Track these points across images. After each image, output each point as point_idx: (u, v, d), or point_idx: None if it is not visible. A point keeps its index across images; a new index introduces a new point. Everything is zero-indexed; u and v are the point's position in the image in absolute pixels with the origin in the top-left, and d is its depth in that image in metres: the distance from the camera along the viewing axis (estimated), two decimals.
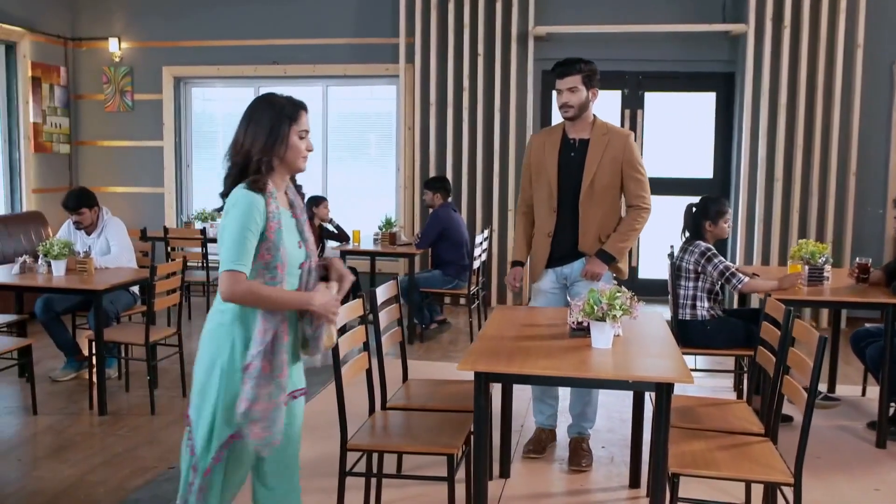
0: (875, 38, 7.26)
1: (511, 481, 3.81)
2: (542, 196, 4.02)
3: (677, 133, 8.07)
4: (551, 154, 3.99)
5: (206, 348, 2.51)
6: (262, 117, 2.52)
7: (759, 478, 2.80)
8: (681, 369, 2.72)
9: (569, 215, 3.97)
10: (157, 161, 8.76)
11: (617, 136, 3.96)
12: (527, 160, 4.14)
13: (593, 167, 3.90)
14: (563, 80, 3.86)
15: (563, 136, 4.00)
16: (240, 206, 2.41)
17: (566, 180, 3.96)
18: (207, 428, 2.45)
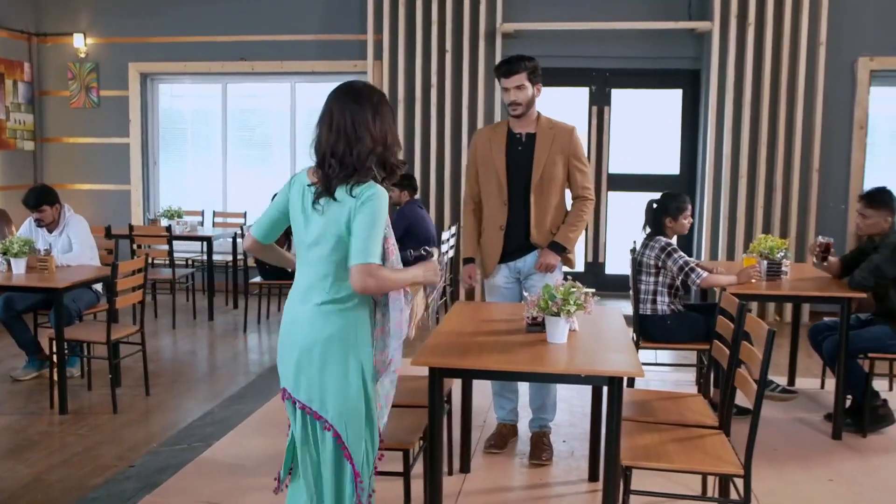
0: (837, 35, 7.35)
1: (471, 476, 3.83)
2: (492, 190, 4.06)
3: (644, 130, 8.12)
4: (498, 149, 4.03)
5: (338, 351, 2.44)
6: (386, 113, 2.51)
7: (709, 470, 2.84)
8: (632, 363, 2.75)
9: (519, 208, 4.02)
10: (123, 158, 8.68)
11: (562, 130, 4.04)
12: (472, 156, 4.16)
13: (542, 160, 3.97)
14: (509, 78, 3.90)
15: (509, 131, 4.05)
16: (383, 201, 2.42)
17: (515, 174, 4.00)
18: (366, 422, 2.47)
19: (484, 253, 4.15)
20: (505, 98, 3.96)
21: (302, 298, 2.52)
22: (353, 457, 2.47)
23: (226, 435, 4.41)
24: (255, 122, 8.84)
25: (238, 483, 3.73)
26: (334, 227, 2.43)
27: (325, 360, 2.44)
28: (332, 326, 2.45)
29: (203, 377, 5.64)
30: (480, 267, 4.21)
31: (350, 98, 2.50)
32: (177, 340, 6.70)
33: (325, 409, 2.45)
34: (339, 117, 2.47)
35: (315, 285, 2.49)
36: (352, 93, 2.52)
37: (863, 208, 4.51)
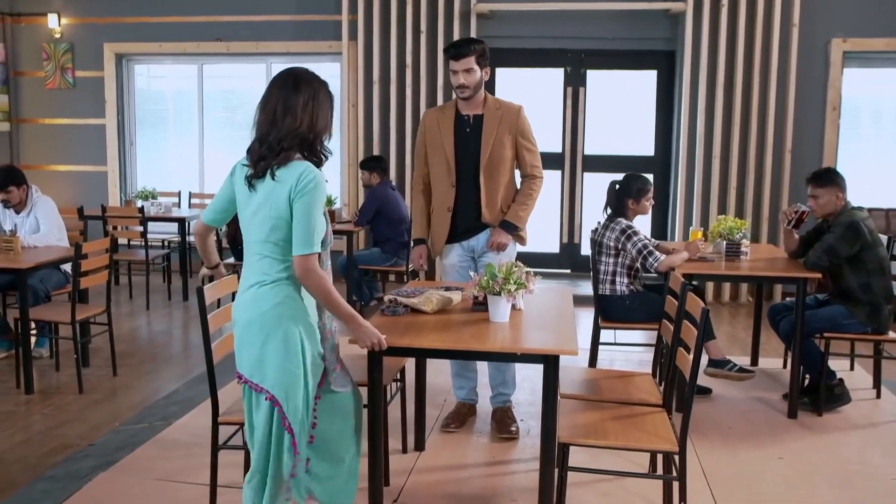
0: (810, 17, 7.35)
1: (425, 454, 3.87)
2: (441, 172, 4.07)
3: (619, 111, 8.13)
4: (447, 131, 4.04)
5: (275, 323, 2.51)
6: (321, 95, 2.56)
7: (645, 446, 2.87)
8: (568, 342, 2.78)
9: (469, 189, 4.04)
10: (99, 139, 8.67)
11: (509, 110, 4.05)
12: (421, 137, 4.16)
13: (490, 141, 3.99)
14: (458, 61, 3.89)
15: (457, 112, 4.06)
16: (321, 188, 2.48)
17: (463, 155, 4.02)
18: (303, 392, 2.54)
19: (433, 234, 4.18)
20: (453, 80, 3.95)
21: (244, 281, 2.61)
22: (292, 427, 2.53)
23: (187, 413, 4.45)
24: (236, 104, 8.82)
25: (193, 461, 3.76)
26: (268, 209, 2.49)
27: (263, 333, 2.51)
28: (268, 302, 2.52)
29: (172, 357, 5.67)
30: (430, 248, 4.24)
31: (288, 83, 2.55)
32: (150, 321, 6.72)
33: (265, 379, 2.53)
34: (272, 101, 2.54)
35: (253, 266, 2.58)
36: (291, 77, 2.57)
37: (812, 189, 4.54)
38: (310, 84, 2.56)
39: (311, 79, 2.58)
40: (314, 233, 2.46)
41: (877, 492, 3.57)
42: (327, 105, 2.60)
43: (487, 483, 3.61)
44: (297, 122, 2.49)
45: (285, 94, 2.52)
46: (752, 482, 3.63)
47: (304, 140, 2.52)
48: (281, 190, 2.46)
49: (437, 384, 4.72)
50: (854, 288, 4.41)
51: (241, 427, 3.26)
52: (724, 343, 6.03)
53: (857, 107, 7.75)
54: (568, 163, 8.07)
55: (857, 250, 4.36)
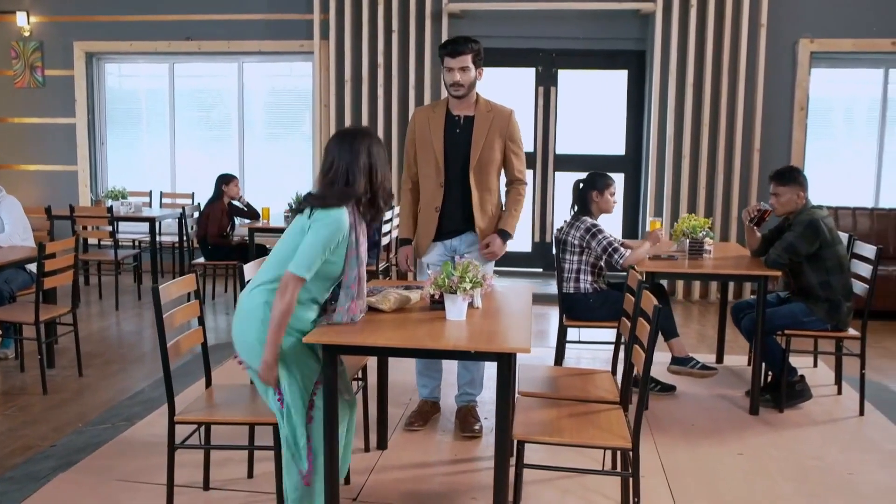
0: (778, 17, 7.43)
1: (387, 452, 3.88)
2: (429, 172, 4.04)
3: (591, 110, 8.17)
4: (437, 130, 4.01)
5: (259, 313, 2.86)
6: (375, 154, 2.94)
7: (598, 443, 2.89)
8: (523, 340, 2.79)
9: (457, 190, 4.02)
10: (69, 138, 8.61)
11: (500, 113, 4.03)
12: (410, 136, 4.13)
13: (480, 143, 3.97)
14: (455, 58, 3.85)
15: (448, 112, 4.03)
16: (335, 227, 2.83)
17: (453, 156, 4.00)
18: (300, 382, 2.85)
19: (419, 233, 4.15)
20: (448, 78, 3.90)
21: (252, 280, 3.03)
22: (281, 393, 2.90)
23: (151, 414, 4.43)
24: (208, 103, 8.78)
25: (154, 461, 3.74)
26: (289, 235, 2.92)
27: (247, 319, 2.90)
28: (259, 297, 2.89)
29: (139, 358, 5.64)
30: (415, 247, 4.22)
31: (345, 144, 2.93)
32: (119, 322, 6.68)
33: (242, 353, 2.94)
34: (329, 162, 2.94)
35: (259, 273, 2.99)
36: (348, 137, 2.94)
37: (774, 187, 4.59)
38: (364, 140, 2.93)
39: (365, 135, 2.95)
40: (311, 261, 2.78)
41: (833, 486, 3.61)
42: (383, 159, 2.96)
43: (448, 481, 3.62)
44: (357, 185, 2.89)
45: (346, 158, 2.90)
46: (711, 478, 3.67)
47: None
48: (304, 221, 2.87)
49: (402, 383, 4.73)
50: (814, 286, 4.46)
51: (198, 427, 3.27)
52: (693, 341, 6.10)
53: (825, 107, 7.83)
54: (539, 162, 8.10)
55: (816, 248, 4.41)
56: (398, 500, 3.40)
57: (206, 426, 3.33)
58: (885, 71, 7.68)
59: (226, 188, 6.99)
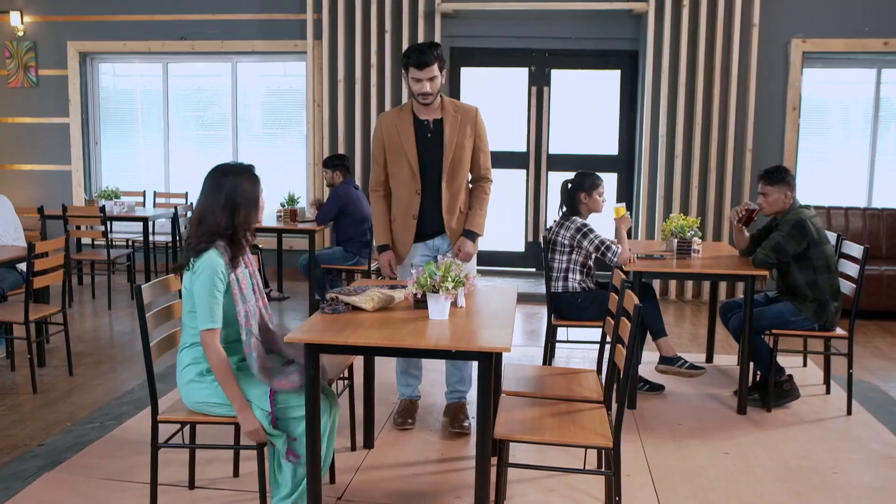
0: (770, 17, 7.44)
1: (374, 452, 3.88)
2: (403, 179, 4.00)
3: (583, 110, 8.18)
4: (407, 137, 3.96)
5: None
6: (241, 190, 2.94)
7: (579, 442, 2.90)
8: (503, 340, 2.80)
9: (432, 195, 4.00)
10: (63, 138, 8.62)
11: (467, 113, 4.01)
12: (378, 143, 4.05)
13: (452, 146, 3.95)
14: (423, 70, 3.80)
15: (415, 117, 3.98)
16: (207, 270, 2.89)
17: (427, 162, 3.97)
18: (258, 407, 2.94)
19: (397, 241, 4.11)
20: (416, 88, 3.84)
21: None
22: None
23: (139, 413, 4.43)
24: (202, 103, 8.79)
25: (140, 460, 3.75)
26: (185, 293, 3.03)
27: (182, 384, 3.12)
28: (185, 359, 3.09)
29: (130, 357, 5.65)
30: (395, 253, 4.15)
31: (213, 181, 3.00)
32: (111, 321, 6.69)
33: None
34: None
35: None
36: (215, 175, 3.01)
37: (762, 187, 4.60)
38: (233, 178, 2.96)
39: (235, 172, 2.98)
40: (209, 310, 2.88)
41: (817, 485, 3.62)
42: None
43: (434, 480, 3.62)
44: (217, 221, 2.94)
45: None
46: (696, 477, 3.68)
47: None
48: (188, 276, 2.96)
49: (389, 383, 4.74)
50: (801, 285, 4.47)
51: (182, 426, 3.28)
52: (685, 340, 6.11)
53: (817, 107, 7.85)
54: (532, 162, 8.11)
55: (803, 248, 4.41)
56: (383, 499, 3.41)
57: (192, 425, 3.34)
58: (878, 71, 7.69)
59: None
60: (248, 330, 2.97)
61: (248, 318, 2.98)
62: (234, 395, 2.90)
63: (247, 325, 2.97)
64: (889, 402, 4.82)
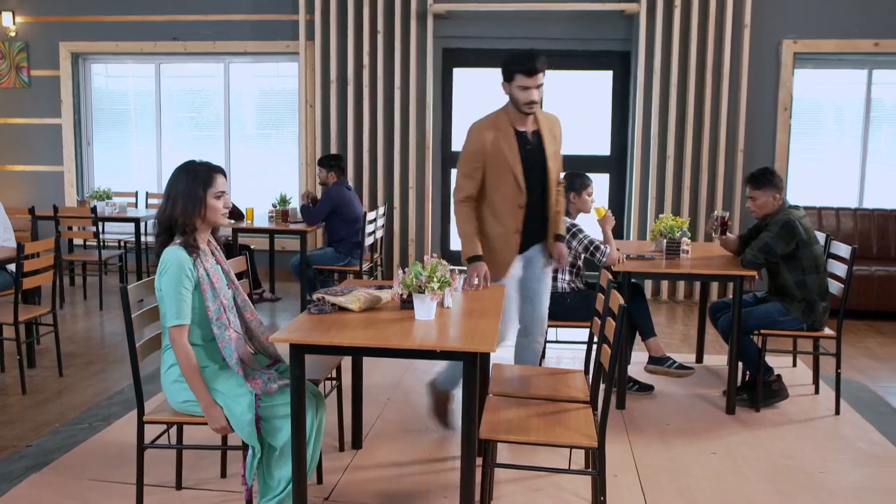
0: (761, 18, 7.45)
1: (362, 452, 3.89)
2: (507, 193, 3.85)
3: (576, 110, 8.18)
4: (510, 151, 3.81)
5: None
6: (180, 186, 3.00)
7: (564, 442, 2.90)
8: (487, 340, 2.81)
9: (536, 208, 3.92)
10: (55, 139, 8.60)
11: (553, 121, 3.98)
12: (479, 155, 3.82)
13: (552, 158, 3.91)
14: (533, 77, 3.65)
15: (514, 129, 3.84)
16: (174, 267, 2.92)
17: (531, 176, 3.86)
18: (240, 412, 2.93)
19: (497, 257, 3.90)
20: (523, 96, 3.70)
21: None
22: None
23: (129, 413, 4.43)
24: (195, 103, 8.78)
25: (128, 461, 3.73)
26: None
27: (165, 385, 3.12)
28: (167, 362, 3.09)
29: (120, 358, 5.64)
30: (491, 267, 3.88)
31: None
32: (102, 322, 6.68)
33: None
34: None
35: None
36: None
37: (750, 191, 4.60)
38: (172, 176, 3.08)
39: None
40: (175, 307, 2.90)
41: (804, 485, 3.63)
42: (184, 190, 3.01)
43: (422, 480, 3.63)
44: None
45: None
46: (683, 476, 3.69)
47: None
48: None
49: (378, 384, 4.75)
50: (790, 285, 4.48)
51: (168, 427, 3.28)
52: (675, 341, 6.12)
53: (809, 107, 7.86)
54: None
55: (792, 248, 4.42)
56: (370, 500, 3.41)
57: (179, 426, 3.34)
58: (869, 72, 7.71)
59: None
60: (221, 323, 2.97)
61: (221, 312, 2.98)
62: (200, 392, 2.92)
63: (219, 319, 2.97)
64: (878, 401, 4.83)
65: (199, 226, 3.01)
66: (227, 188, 3.12)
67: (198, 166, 3.05)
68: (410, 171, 7.93)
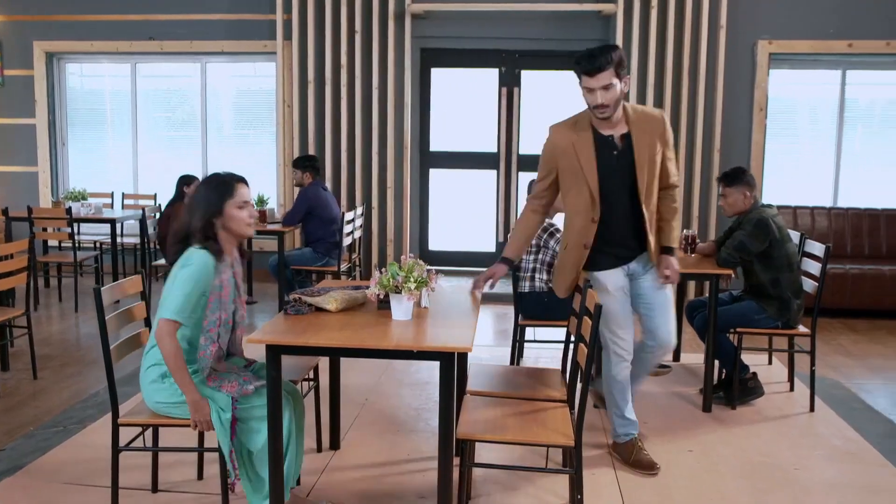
0: (737, 19, 7.52)
1: (340, 453, 3.88)
2: (580, 205, 3.50)
3: (554, 111, 8.18)
4: (587, 158, 3.41)
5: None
6: (201, 198, 3.00)
7: (541, 441, 2.91)
8: (464, 339, 2.81)
9: (618, 222, 3.51)
10: (29, 139, 8.51)
11: (652, 119, 3.45)
12: (552, 159, 3.56)
13: (645, 165, 3.40)
14: (594, 77, 3.27)
15: (595, 132, 3.44)
16: (199, 269, 2.89)
17: (610, 185, 3.44)
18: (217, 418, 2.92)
19: (562, 270, 3.69)
20: (589, 99, 3.33)
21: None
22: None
23: (104, 416, 4.39)
24: (172, 103, 8.72)
25: (103, 465, 3.70)
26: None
27: (145, 384, 3.09)
28: (149, 360, 3.05)
29: (96, 360, 5.59)
30: (555, 283, 3.78)
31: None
32: (77, 324, 6.62)
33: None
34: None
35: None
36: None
37: (722, 189, 4.65)
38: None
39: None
40: (179, 303, 2.84)
41: (779, 482, 3.66)
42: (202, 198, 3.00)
43: (400, 480, 3.62)
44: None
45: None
46: (659, 475, 3.69)
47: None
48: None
49: (355, 384, 4.74)
50: (764, 284, 4.52)
51: (144, 429, 3.26)
52: None
53: (784, 108, 7.94)
54: (503, 162, 8.13)
55: (766, 247, 4.46)
56: (348, 500, 3.40)
57: (155, 428, 3.32)
58: (843, 72, 7.79)
59: (187, 189, 6.92)
60: (210, 336, 2.96)
61: (215, 326, 2.97)
62: (187, 386, 2.88)
63: (210, 332, 2.96)
64: (851, 398, 4.89)
65: (220, 234, 2.99)
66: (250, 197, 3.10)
67: (219, 177, 3.04)
68: (388, 171, 7.92)
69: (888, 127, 7.95)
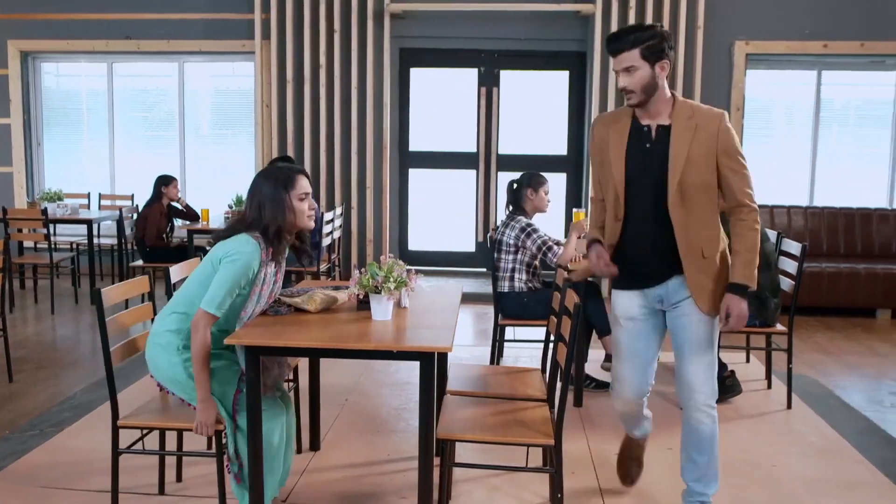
0: (713, 19, 7.57)
1: (320, 454, 3.87)
2: (610, 200, 3.13)
3: (532, 110, 8.23)
4: (616, 147, 3.05)
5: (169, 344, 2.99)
6: (263, 190, 2.98)
7: (522, 440, 2.92)
8: (444, 339, 2.81)
9: (647, 227, 3.06)
10: (4, 139, 8.42)
11: (707, 118, 2.99)
12: (594, 150, 3.21)
13: (681, 161, 2.94)
14: (616, 58, 2.99)
15: (634, 122, 3.06)
16: (242, 263, 2.89)
17: (638, 181, 3.04)
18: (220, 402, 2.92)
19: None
20: (619, 83, 3.03)
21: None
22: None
23: (81, 419, 4.35)
24: (149, 103, 8.66)
25: (83, 467, 3.68)
26: (201, 266, 3.02)
27: (155, 344, 3.02)
28: (171, 325, 3.01)
29: (73, 363, 5.54)
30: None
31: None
32: (54, 326, 6.55)
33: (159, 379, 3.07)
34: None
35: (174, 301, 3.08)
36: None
37: None
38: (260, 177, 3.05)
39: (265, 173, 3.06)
40: (221, 298, 2.84)
41: (758, 479, 3.69)
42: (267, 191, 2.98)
43: (380, 481, 3.62)
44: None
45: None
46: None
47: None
48: (215, 252, 2.94)
49: (335, 385, 4.72)
50: None
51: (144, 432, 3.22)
52: None
53: (760, 108, 8.01)
54: (482, 162, 8.14)
55: None
56: (328, 501, 3.39)
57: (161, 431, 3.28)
58: (818, 73, 7.87)
59: (165, 190, 6.90)
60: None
61: (251, 318, 3.00)
62: (203, 384, 2.85)
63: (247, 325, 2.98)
64: (827, 395, 4.94)
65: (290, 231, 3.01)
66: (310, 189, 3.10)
67: (279, 169, 3.02)
68: (368, 170, 7.91)
69: (862, 127, 8.04)
